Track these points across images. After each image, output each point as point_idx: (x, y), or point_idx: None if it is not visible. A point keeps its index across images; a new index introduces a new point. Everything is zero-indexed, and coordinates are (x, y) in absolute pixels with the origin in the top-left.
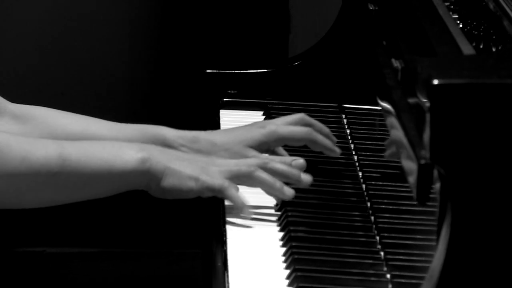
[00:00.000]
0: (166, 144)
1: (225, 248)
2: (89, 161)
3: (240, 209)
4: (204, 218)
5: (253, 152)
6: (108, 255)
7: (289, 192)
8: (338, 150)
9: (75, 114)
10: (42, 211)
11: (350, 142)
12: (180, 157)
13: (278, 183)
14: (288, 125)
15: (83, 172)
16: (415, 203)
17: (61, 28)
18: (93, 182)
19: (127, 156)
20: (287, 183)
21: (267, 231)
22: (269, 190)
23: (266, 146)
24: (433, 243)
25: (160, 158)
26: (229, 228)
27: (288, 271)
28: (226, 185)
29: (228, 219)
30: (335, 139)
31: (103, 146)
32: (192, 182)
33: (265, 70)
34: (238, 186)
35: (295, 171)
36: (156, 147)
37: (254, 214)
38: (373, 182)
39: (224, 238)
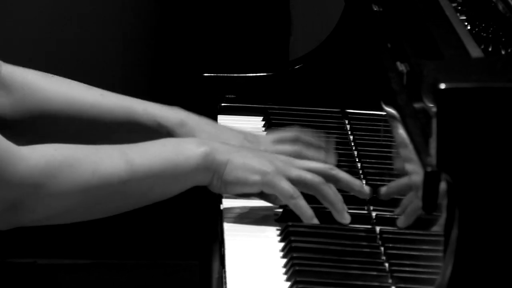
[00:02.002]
0: (155, 124)
1: (223, 259)
2: (154, 163)
3: (308, 221)
4: (202, 228)
5: None
6: (102, 267)
7: (348, 217)
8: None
9: (57, 80)
10: None
11: (354, 148)
12: (243, 149)
13: (340, 204)
14: (277, 145)
15: (150, 175)
16: (421, 212)
17: (55, 30)
18: (159, 184)
19: (189, 152)
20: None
21: (267, 241)
22: (329, 206)
23: None
24: (440, 254)
25: (222, 149)
26: (227, 239)
27: (289, 284)
28: (296, 195)
29: (227, 229)
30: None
31: (162, 144)
32: (257, 176)
33: (265, 74)
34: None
35: (358, 181)
36: (216, 142)
37: (254, 224)
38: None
39: (223, 249)
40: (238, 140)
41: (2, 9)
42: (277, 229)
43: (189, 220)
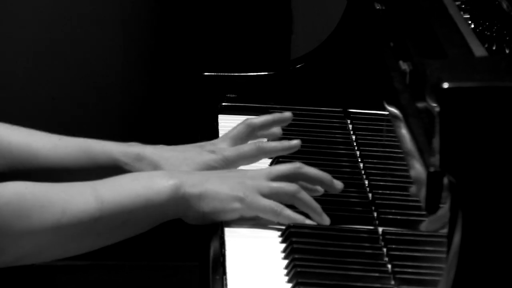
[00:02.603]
0: (113, 162)
1: (223, 260)
2: (124, 199)
3: (303, 223)
4: (202, 229)
5: None
6: (100, 268)
7: (327, 219)
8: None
9: (22, 128)
10: None
11: (356, 148)
12: (212, 177)
13: (319, 207)
14: (237, 146)
15: (121, 211)
16: (424, 213)
17: (52, 30)
18: (131, 220)
19: (159, 186)
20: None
21: (268, 242)
22: (309, 212)
23: None
24: (443, 255)
25: (192, 181)
26: (228, 240)
27: (290, 285)
28: (279, 208)
29: (227, 229)
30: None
31: (133, 179)
32: (236, 203)
33: (266, 73)
34: None
35: (327, 175)
36: (184, 171)
37: (255, 224)
38: (380, 191)
39: (223, 250)
40: (201, 156)
41: (1, 9)
42: (278, 230)
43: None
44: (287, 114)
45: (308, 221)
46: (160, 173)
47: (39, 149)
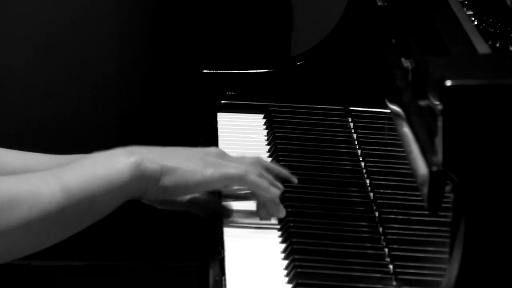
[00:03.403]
0: None
1: (223, 261)
2: (89, 184)
3: (270, 196)
4: (201, 229)
5: None
6: (98, 269)
7: (276, 190)
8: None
9: (12, 150)
10: None
11: (357, 147)
12: (173, 153)
13: (265, 183)
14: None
15: (87, 196)
16: (426, 212)
17: (48, 27)
18: (97, 203)
19: (120, 165)
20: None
21: (268, 243)
22: (261, 192)
23: None
24: (446, 256)
25: (153, 157)
26: (227, 240)
27: (290, 286)
28: (242, 172)
29: (226, 229)
30: (295, 181)
31: (93, 162)
32: (198, 175)
33: (266, 70)
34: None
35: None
36: (144, 147)
37: (254, 224)
38: (382, 191)
39: (222, 251)
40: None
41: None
42: (278, 230)
43: (187, 221)
44: (294, 180)
45: (277, 192)
46: (119, 150)
47: (33, 167)
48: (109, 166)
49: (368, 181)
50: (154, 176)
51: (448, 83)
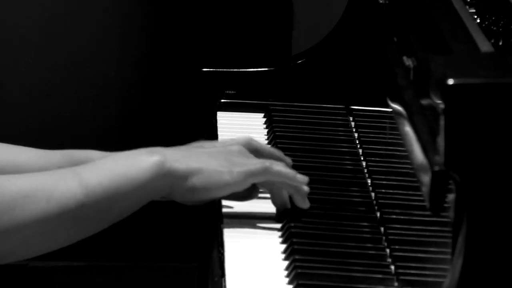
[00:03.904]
0: None
1: (223, 261)
2: (110, 181)
3: (299, 184)
4: (201, 229)
5: None
6: (97, 269)
7: (303, 178)
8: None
9: (7, 145)
10: None
11: (358, 146)
12: (197, 152)
13: (292, 172)
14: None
15: (107, 194)
16: (428, 213)
17: (47, 25)
18: (119, 201)
19: (142, 163)
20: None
21: (268, 243)
22: (288, 181)
23: None
24: (448, 257)
25: (176, 156)
26: (227, 240)
27: (291, 287)
28: (267, 164)
29: (226, 230)
30: (290, 162)
31: (114, 160)
32: (226, 176)
33: (266, 69)
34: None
35: (297, 174)
36: (166, 148)
37: (254, 225)
38: (383, 190)
39: (222, 251)
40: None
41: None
42: (279, 231)
43: (187, 221)
44: (288, 160)
45: (304, 180)
46: (142, 150)
47: (22, 161)
48: (130, 164)
49: (369, 181)
50: (180, 175)
51: (450, 81)
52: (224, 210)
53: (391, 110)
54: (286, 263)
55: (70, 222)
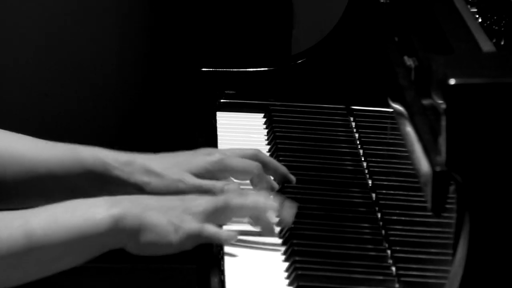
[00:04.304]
0: (102, 165)
1: (222, 262)
2: (57, 232)
3: (228, 241)
4: None
5: (192, 178)
6: (95, 271)
7: (275, 203)
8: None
9: (7, 132)
10: None
11: (359, 147)
12: (153, 206)
13: (261, 199)
14: (238, 157)
15: (52, 245)
16: (429, 214)
17: (48, 26)
18: (65, 254)
19: (99, 216)
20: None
21: (269, 244)
22: (254, 212)
23: (210, 175)
24: (449, 258)
25: (134, 211)
26: None
27: None
28: (200, 227)
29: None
30: (293, 180)
31: (70, 209)
32: (171, 235)
33: (266, 69)
34: None
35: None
36: (126, 197)
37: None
38: (384, 191)
39: (221, 252)
40: (195, 158)
41: None
42: (279, 232)
43: None
44: (292, 178)
45: (234, 238)
46: (102, 200)
47: (24, 153)
48: (86, 216)
49: (370, 182)
50: (132, 232)
51: (452, 81)
52: None
53: (392, 110)
54: (286, 264)
55: (9, 268)
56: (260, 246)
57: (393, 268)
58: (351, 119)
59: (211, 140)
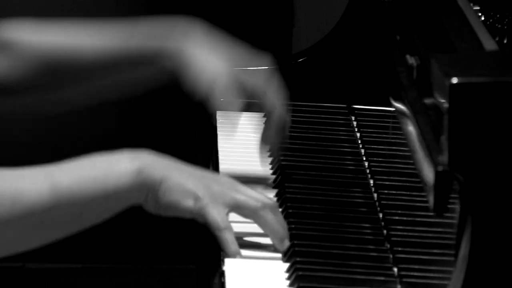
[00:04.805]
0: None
1: (222, 263)
2: (82, 186)
3: (231, 256)
4: (200, 230)
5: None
6: (94, 272)
7: (286, 245)
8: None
9: (59, 29)
10: None
11: (361, 146)
12: (179, 167)
13: (281, 232)
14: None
15: (77, 199)
16: (431, 214)
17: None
18: (89, 208)
19: (120, 169)
20: None
21: (269, 244)
22: (269, 233)
23: None
24: (452, 258)
25: (157, 165)
26: None
27: None
28: (223, 226)
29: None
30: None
31: (93, 163)
32: (191, 201)
33: (266, 67)
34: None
35: (282, 230)
36: (151, 155)
37: (254, 226)
38: (386, 191)
39: (221, 252)
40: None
41: None
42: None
43: (186, 223)
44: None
45: (238, 256)
46: (124, 154)
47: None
48: (108, 170)
49: (371, 182)
50: (153, 185)
51: (454, 80)
52: None
53: (394, 109)
54: (287, 265)
55: (36, 225)
56: (261, 247)
57: (395, 269)
58: (353, 118)
59: (210, 140)
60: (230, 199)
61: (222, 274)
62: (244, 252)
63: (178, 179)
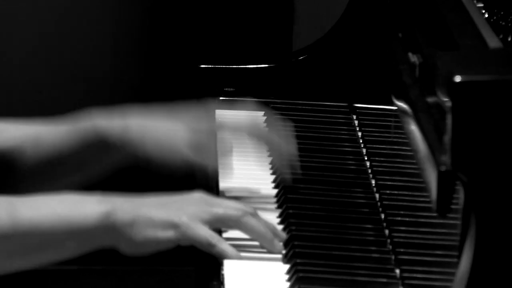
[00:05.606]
0: (104, 135)
1: (221, 264)
2: (44, 220)
3: (232, 259)
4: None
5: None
6: (92, 273)
7: (279, 247)
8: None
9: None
10: None
11: (362, 146)
12: (146, 203)
13: (269, 234)
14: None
15: (37, 232)
16: (434, 215)
17: (41, 22)
18: (50, 243)
19: (87, 210)
20: None
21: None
22: (257, 238)
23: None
24: (455, 260)
25: (126, 207)
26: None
27: None
28: (214, 240)
29: (225, 233)
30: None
31: (60, 200)
32: (170, 231)
33: (267, 66)
34: None
35: (269, 234)
36: (120, 198)
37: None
38: (388, 192)
39: None
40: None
41: None
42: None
43: None
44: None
45: (243, 258)
46: (93, 197)
47: (42, 132)
48: (75, 208)
49: (373, 182)
50: (124, 228)
51: (458, 79)
52: None
53: (395, 108)
54: (287, 266)
55: None
56: (260, 249)
57: (397, 271)
58: (354, 117)
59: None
60: (208, 215)
61: (221, 276)
62: (243, 254)
63: (147, 214)
